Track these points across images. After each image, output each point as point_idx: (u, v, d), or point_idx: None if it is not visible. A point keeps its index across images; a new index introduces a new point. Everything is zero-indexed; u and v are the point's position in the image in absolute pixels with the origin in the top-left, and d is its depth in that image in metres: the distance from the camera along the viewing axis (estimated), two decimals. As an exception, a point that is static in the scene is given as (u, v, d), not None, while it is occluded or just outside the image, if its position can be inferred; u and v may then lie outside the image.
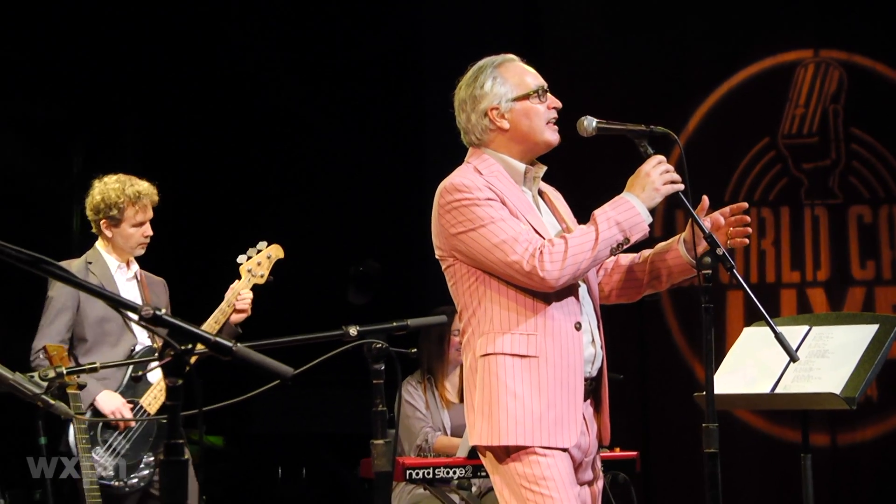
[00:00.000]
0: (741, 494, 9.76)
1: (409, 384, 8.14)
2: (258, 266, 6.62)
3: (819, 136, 10.52)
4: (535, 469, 4.42)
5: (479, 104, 4.62)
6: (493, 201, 4.46)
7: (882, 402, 9.99)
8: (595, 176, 8.42)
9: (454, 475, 7.36)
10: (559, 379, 4.44)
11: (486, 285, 4.51)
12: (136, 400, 6.57)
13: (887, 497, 10.06)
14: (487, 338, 4.48)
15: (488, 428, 4.44)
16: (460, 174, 4.58)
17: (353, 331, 4.44)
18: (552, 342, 4.45)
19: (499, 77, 4.64)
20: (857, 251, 10.44)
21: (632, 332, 9.91)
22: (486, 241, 4.41)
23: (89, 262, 6.75)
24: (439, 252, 4.65)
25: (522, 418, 4.39)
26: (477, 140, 4.68)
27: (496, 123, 4.61)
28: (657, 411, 10.08)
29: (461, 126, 4.72)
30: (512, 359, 4.43)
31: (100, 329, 6.62)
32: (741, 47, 10.63)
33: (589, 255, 4.38)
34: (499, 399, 4.41)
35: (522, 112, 4.61)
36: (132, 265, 6.89)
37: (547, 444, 4.41)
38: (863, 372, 5.12)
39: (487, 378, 4.46)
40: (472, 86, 4.66)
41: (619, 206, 4.45)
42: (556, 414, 4.42)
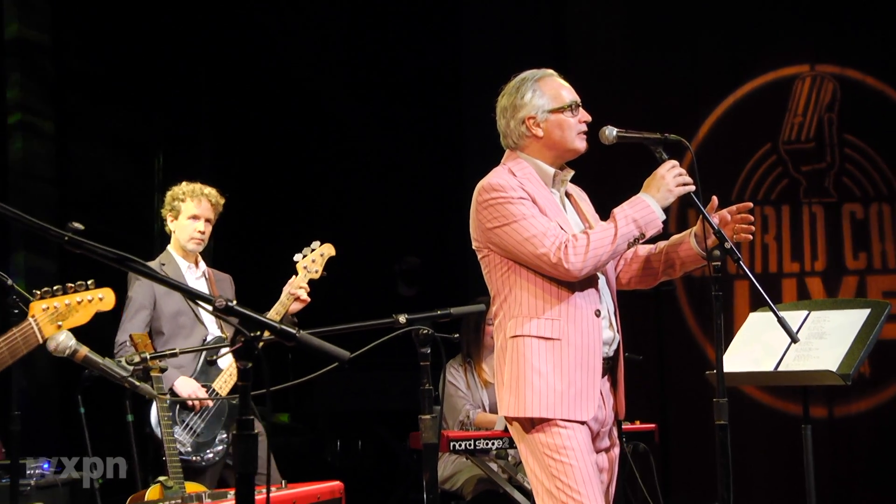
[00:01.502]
0: (748, 462, 9.74)
1: (452, 367, 8.14)
2: (313, 263, 6.63)
3: (815, 142, 10.50)
4: (557, 439, 4.44)
5: (518, 112, 4.65)
6: (524, 200, 4.49)
7: (874, 379, 9.96)
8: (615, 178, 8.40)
9: (492, 446, 7.38)
10: (579, 359, 4.47)
11: (516, 274, 4.55)
12: (208, 384, 6.60)
13: (880, 462, 10.04)
14: (517, 321, 4.52)
15: (515, 402, 4.48)
16: (496, 175, 4.61)
17: (403, 318, 4.45)
18: (574, 327, 4.48)
19: (538, 90, 4.66)
20: (851, 244, 10.42)
21: (650, 317, 9.89)
22: (517, 236, 4.45)
23: (162, 264, 6.77)
24: (476, 243, 4.69)
25: (546, 394, 4.43)
26: (514, 144, 4.71)
27: (532, 131, 4.63)
28: (673, 388, 10.06)
29: (501, 130, 4.75)
30: (538, 341, 4.47)
31: (175, 323, 6.64)
32: (745, 63, 10.62)
33: (609, 249, 4.42)
34: (525, 376, 4.45)
35: (556, 123, 4.64)
36: (200, 265, 6.91)
37: (567, 417, 4.45)
38: (856, 351, 5.11)
39: (516, 357, 4.49)
40: (514, 95, 4.68)
41: (636, 204, 4.48)
42: (576, 390, 4.46)
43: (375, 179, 11.67)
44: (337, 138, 11.81)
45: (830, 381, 5.08)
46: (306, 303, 6.59)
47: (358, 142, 11.78)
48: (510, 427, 4.62)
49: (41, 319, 3.24)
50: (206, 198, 6.80)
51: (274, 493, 3.78)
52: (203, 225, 6.80)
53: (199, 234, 6.79)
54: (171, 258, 6.81)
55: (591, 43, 10.58)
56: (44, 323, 3.24)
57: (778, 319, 4.68)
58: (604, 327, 4.60)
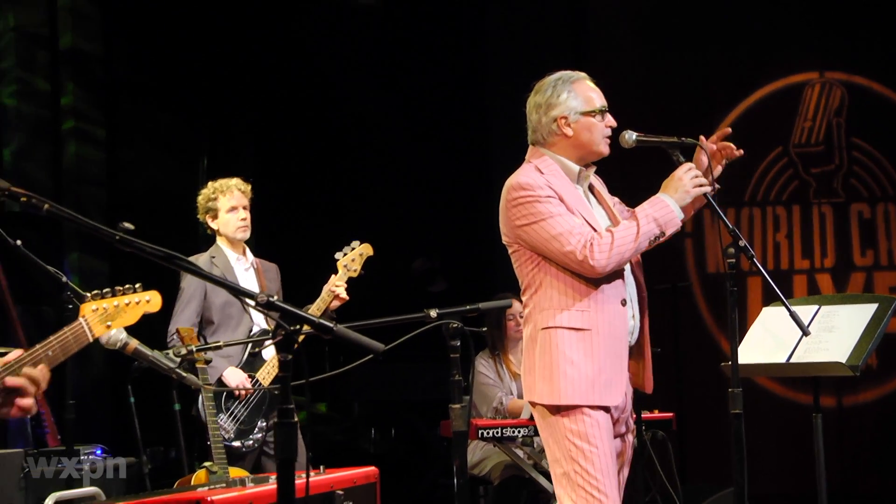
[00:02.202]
0: (761, 448, 9.69)
1: (482, 359, 8.14)
2: (352, 262, 6.65)
3: (824, 145, 10.50)
4: (581, 426, 4.45)
5: (551, 111, 4.63)
6: (552, 198, 4.49)
7: (881, 370, 9.95)
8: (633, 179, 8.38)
9: (519, 434, 7.37)
10: (608, 348, 4.48)
11: (546, 268, 4.55)
12: (253, 374, 6.62)
13: (885, 449, 10.04)
14: (547, 313, 4.52)
15: (549, 390, 4.47)
16: (524, 174, 4.60)
17: (433, 313, 4.45)
18: (602, 317, 4.49)
19: (572, 91, 4.65)
20: (858, 242, 10.41)
21: (667, 312, 9.87)
22: (545, 233, 4.45)
23: (213, 257, 6.81)
24: (506, 239, 4.68)
25: (579, 382, 4.44)
26: (542, 140, 4.69)
27: (562, 130, 4.62)
28: (689, 379, 10.04)
29: (532, 124, 4.72)
30: (569, 332, 4.47)
31: (223, 313, 6.67)
32: (758, 70, 10.61)
33: (632, 247, 4.42)
34: (559, 366, 4.45)
35: (585, 125, 4.63)
36: (248, 255, 6.93)
37: (598, 404, 4.46)
38: (864, 344, 5.09)
39: (548, 347, 4.48)
40: (550, 94, 4.66)
41: (656, 204, 4.48)
42: (606, 378, 4.47)
43: (407, 180, 11.68)
44: (370, 141, 11.84)
45: (840, 372, 5.06)
46: (345, 301, 6.61)
47: (390, 144, 11.80)
48: (534, 411, 4.62)
49: (91, 319, 3.25)
50: (236, 188, 6.86)
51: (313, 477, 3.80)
52: (242, 212, 6.85)
53: (242, 221, 6.83)
54: (221, 251, 6.85)
55: (610, 51, 10.56)
56: (94, 323, 3.26)
57: (790, 313, 4.68)
58: (628, 317, 4.61)
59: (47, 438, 7.48)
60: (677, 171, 4.58)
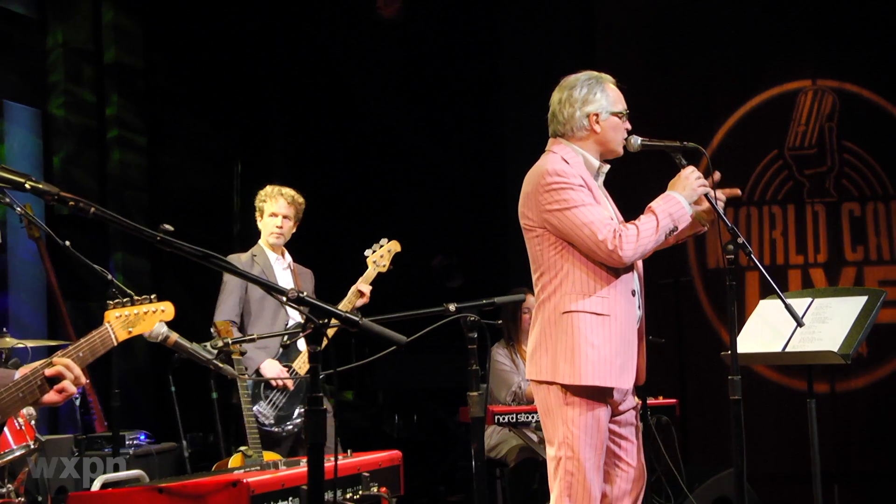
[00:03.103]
0: (759, 432, 9.69)
1: (498, 350, 8.14)
2: (381, 258, 6.66)
3: (817, 148, 10.47)
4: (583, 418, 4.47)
5: (586, 106, 4.63)
6: (583, 188, 4.49)
7: (871, 358, 9.91)
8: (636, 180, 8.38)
9: (532, 419, 7.38)
10: (623, 334, 4.49)
11: (570, 254, 4.53)
12: (289, 364, 6.63)
13: (876, 432, 10.01)
14: (570, 297, 4.51)
15: (571, 370, 4.46)
16: (555, 161, 4.59)
17: (452, 307, 4.45)
18: (619, 304, 4.50)
19: (605, 91, 4.67)
20: (849, 238, 10.37)
21: (671, 305, 9.84)
22: (577, 220, 4.44)
23: (254, 255, 6.82)
24: (529, 223, 4.63)
25: (599, 364, 4.44)
26: (570, 132, 4.67)
27: (591, 126, 4.63)
28: (692, 367, 10.03)
29: (562, 117, 4.69)
30: (591, 316, 4.47)
31: (260, 307, 6.68)
32: (754, 78, 10.59)
33: (653, 239, 4.45)
34: (581, 347, 4.44)
35: (611, 125, 4.64)
36: (286, 257, 6.94)
37: (616, 385, 4.49)
38: (855, 334, 5.07)
39: (570, 330, 4.47)
40: (586, 90, 4.67)
41: (669, 201, 4.49)
42: (621, 361, 4.49)
43: (427, 183, 11.69)
44: (392, 146, 11.85)
45: (832, 360, 5.05)
46: (367, 300, 6.63)
47: (411, 149, 11.80)
48: (541, 388, 4.60)
49: (115, 325, 3.30)
50: (283, 197, 6.85)
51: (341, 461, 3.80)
52: (280, 220, 6.84)
53: (276, 228, 6.83)
54: (262, 251, 6.86)
55: (616, 61, 10.53)
56: (117, 328, 3.30)
57: (785, 306, 4.67)
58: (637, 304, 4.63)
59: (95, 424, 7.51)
60: (682, 172, 4.58)
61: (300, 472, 3.70)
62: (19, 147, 9.18)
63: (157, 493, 3.42)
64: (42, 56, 9.67)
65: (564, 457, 4.48)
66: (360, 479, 4.09)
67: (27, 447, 5.64)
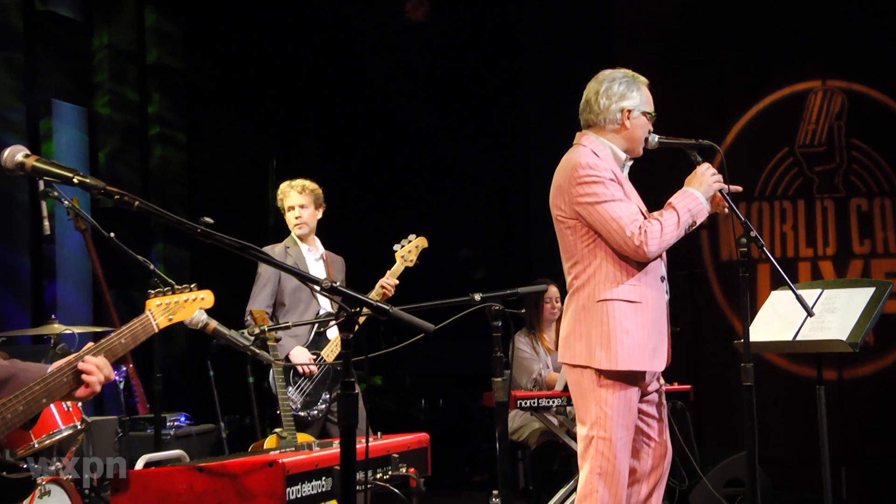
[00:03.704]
0: (770, 417, 9.67)
1: (520, 338, 8.14)
2: (409, 253, 6.64)
3: (826, 146, 10.44)
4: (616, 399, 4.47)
5: (623, 101, 4.64)
6: (613, 182, 4.49)
7: (877, 347, 9.87)
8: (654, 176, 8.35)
9: (553, 404, 7.37)
10: (654, 319, 4.50)
11: (601, 244, 4.53)
12: (318, 352, 6.63)
13: (882, 417, 9.99)
14: (603, 285, 4.51)
15: (607, 356, 4.46)
16: (586, 154, 4.58)
17: (478, 297, 4.44)
18: (650, 291, 4.50)
19: (641, 91, 4.70)
20: (857, 232, 10.34)
21: (686, 296, 9.82)
22: (606, 214, 4.45)
23: (287, 247, 6.80)
24: (560, 213, 4.63)
25: (632, 349, 4.45)
26: (601, 124, 4.67)
27: (623, 121, 4.62)
28: (706, 355, 10.01)
29: (597, 107, 4.68)
30: (624, 304, 4.48)
31: (294, 297, 6.66)
32: (766, 79, 10.56)
33: (674, 234, 4.46)
34: (616, 334, 4.45)
35: (640, 123, 4.65)
36: (319, 248, 6.91)
37: (649, 369, 4.51)
38: (863, 323, 5.05)
39: (605, 318, 4.48)
40: (625, 88, 4.67)
41: (688, 196, 4.49)
42: (654, 346, 4.51)
43: (453, 178, 11.71)
44: (420, 142, 11.85)
45: (841, 348, 5.03)
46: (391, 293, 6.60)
47: (437, 145, 11.81)
48: (574, 372, 4.60)
49: (155, 313, 3.29)
50: (293, 189, 6.78)
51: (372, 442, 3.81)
52: (298, 211, 6.78)
53: (296, 219, 6.79)
54: (294, 242, 6.83)
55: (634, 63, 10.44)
56: (158, 316, 3.30)
57: (796, 296, 4.66)
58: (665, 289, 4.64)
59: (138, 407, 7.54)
60: (698, 168, 4.58)
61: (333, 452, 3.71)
62: (67, 144, 9.22)
63: (198, 472, 3.44)
64: (88, 57, 9.71)
65: (597, 436, 4.48)
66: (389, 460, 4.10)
67: (74, 427, 5.69)
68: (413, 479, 4.17)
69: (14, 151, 2.90)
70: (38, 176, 2.92)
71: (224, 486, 3.38)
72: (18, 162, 2.89)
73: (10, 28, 8.57)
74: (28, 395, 2.79)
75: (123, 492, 3.49)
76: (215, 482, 3.40)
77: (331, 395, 6.61)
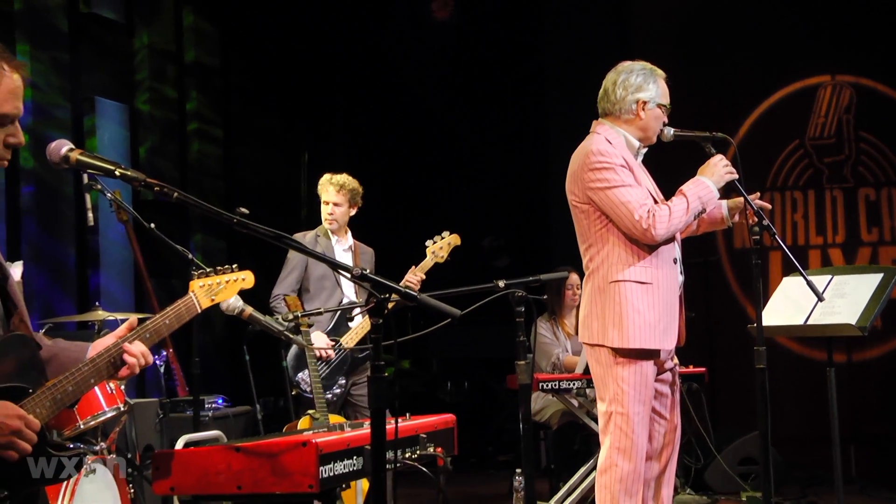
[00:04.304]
0: (782, 398, 9.68)
1: (541, 323, 8.13)
2: (440, 249, 6.60)
3: (836, 138, 10.44)
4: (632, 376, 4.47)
5: (639, 93, 4.63)
6: (624, 168, 4.49)
7: (885, 330, 9.85)
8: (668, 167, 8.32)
9: (574, 386, 7.37)
10: (665, 299, 4.49)
11: (613, 228, 4.54)
12: (337, 338, 6.58)
13: (889, 398, 10.02)
14: (616, 267, 4.52)
15: (619, 335, 4.48)
16: (599, 142, 4.58)
17: (501, 283, 4.42)
18: (661, 272, 4.50)
19: (658, 83, 4.69)
20: (865, 221, 10.34)
21: (701, 282, 9.79)
22: (616, 199, 4.45)
23: (318, 235, 6.78)
24: (574, 198, 4.63)
25: (643, 328, 4.46)
26: (617, 113, 4.66)
27: (638, 111, 4.62)
28: (720, 338, 10.01)
29: (614, 97, 4.66)
30: (635, 284, 4.48)
31: (319, 284, 6.64)
32: (777, 74, 10.57)
33: (683, 219, 4.44)
34: (628, 314, 4.46)
35: (654, 115, 4.64)
36: (348, 238, 6.88)
37: (660, 347, 4.50)
38: (871, 308, 5.01)
39: (618, 298, 4.49)
40: (642, 80, 4.65)
41: (699, 185, 4.48)
42: (664, 325, 4.50)
43: (477, 173, 11.71)
44: (446, 138, 11.86)
45: (850, 332, 5.00)
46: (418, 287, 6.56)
47: (461, 139, 11.83)
48: (594, 351, 4.59)
49: (199, 294, 3.29)
50: (332, 185, 6.73)
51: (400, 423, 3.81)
52: (331, 208, 6.73)
53: (329, 215, 6.75)
54: (324, 232, 6.80)
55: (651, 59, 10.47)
56: (200, 297, 3.29)
57: (807, 282, 4.64)
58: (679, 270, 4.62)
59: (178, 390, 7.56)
60: (711, 159, 4.56)
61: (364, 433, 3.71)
62: (109, 139, 9.25)
63: (235, 451, 3.44)
64: (129, 57, 9.74)
65: (615, 412, 4.48)
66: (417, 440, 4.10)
67: (118, 409, 5.72)
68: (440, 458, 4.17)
69: (59, 146, 2.90)
70: (82, 169, 2.92)
71: (260, 464, 3.39)
72: (63, 156, 2.89)
73: (56, 29, 8.60)
74: (77, 376, 2.79)
75: (164, 470, 3.49)
76: (252, 461, 3.40)
77: (348, 380, 6.58)
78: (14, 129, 2.76)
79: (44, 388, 2.75)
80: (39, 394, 2.72)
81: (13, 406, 2.60)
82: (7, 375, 2.69)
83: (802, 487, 8.19)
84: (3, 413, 2.56)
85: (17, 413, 2.58)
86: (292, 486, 3.36)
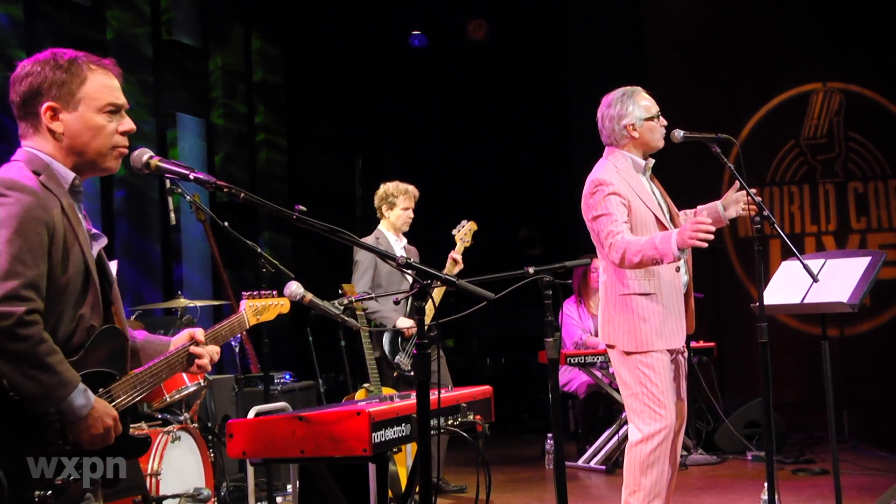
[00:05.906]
0: (782, 368, 9.68)
1: (568, 305, 8.11)
2: (465, 234, 6.67)
3: (827, 138, 10.43)
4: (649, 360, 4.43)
5: (622, 120, 4.56)
6: (615, 196, 4.43)
7: (873, 307, 9.87)
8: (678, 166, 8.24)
9: (598, 360, 7.34)
10: (669, 305, 4.46)
11: None
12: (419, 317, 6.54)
13: (877, 367, 10.00)
14: (622, 281, 4.50)
15: (631, 340, 4.47)
16: (602, 170, 4.55)
17: (531, 270, 4.38)
18: (664, 280, 4.49)
19: (636, 103, 4.58)
20: (855, 211, 10.33)
21: (709, 266, 9.75)
22: (598, 227, 4.48)
23: (377, 237, 6.79)
24: (585, 218, 4.61)
25: (651, 333, 4.44)
26: (615, 142, 4.62)
27: (630, 134, 4.56)
28: (726, 316, 10.02)
29: (606, 131, 4.63)
30: (640, 297, 4.47)
31: (389, 279, 6.62)
32: (775, 82, 10.58)
33: (635, 259, 4.33)
34: (636, 323, 4.46)
35: (648, 128, 4.56)
36: (402, 239, 6.89)
37: (667, 347, 4.47)
38: (861, 288, 4.94)
39: (626, 309, 4.49)
40: (619, 107, 4.58)
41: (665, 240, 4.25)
42: (670, 328, 4.47)
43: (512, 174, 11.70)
44: (485, 143, 11.85)
45: (842, 309, 4.92)
46: (461, 266, 6.61)
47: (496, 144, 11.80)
48: (612, 351, 4.58)
49: (248, 312, 3.37)
50: (413, 194, 6.82)
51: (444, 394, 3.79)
52: (410, 212, 6.82)
53: (409, 219, 6.82)
54: (383, 234, 6.80)
55: (662, 70, 10.45)
56: (249, 315, 3.38)
57: (803, 266, 4.57)
58: (681, 275, 4.56)
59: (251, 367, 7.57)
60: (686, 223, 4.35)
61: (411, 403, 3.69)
62: (188, 149, 9.32)
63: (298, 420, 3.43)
64: (205, 77, 9.78)
65: (641, 392, 4.44)
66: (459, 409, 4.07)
67: (199, 385, 5.76)
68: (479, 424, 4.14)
69: (141, 153, 2.91)
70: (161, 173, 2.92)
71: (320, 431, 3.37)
72: (144, 162, 2.90)
73: (142, 55, 8.66)
74: (154, 370, 2.89)
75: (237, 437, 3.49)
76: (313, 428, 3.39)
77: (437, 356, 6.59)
78: (123, 118, 2.81)
79: (128, 376, 2.82)
80: (123, 381, 2.80)
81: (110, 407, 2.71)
82: (101, 361, 2.76)
83: (801, 447, 8.12)
84: (105, 412, 2.67)
85: (113, 414, 2.70)
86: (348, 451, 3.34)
